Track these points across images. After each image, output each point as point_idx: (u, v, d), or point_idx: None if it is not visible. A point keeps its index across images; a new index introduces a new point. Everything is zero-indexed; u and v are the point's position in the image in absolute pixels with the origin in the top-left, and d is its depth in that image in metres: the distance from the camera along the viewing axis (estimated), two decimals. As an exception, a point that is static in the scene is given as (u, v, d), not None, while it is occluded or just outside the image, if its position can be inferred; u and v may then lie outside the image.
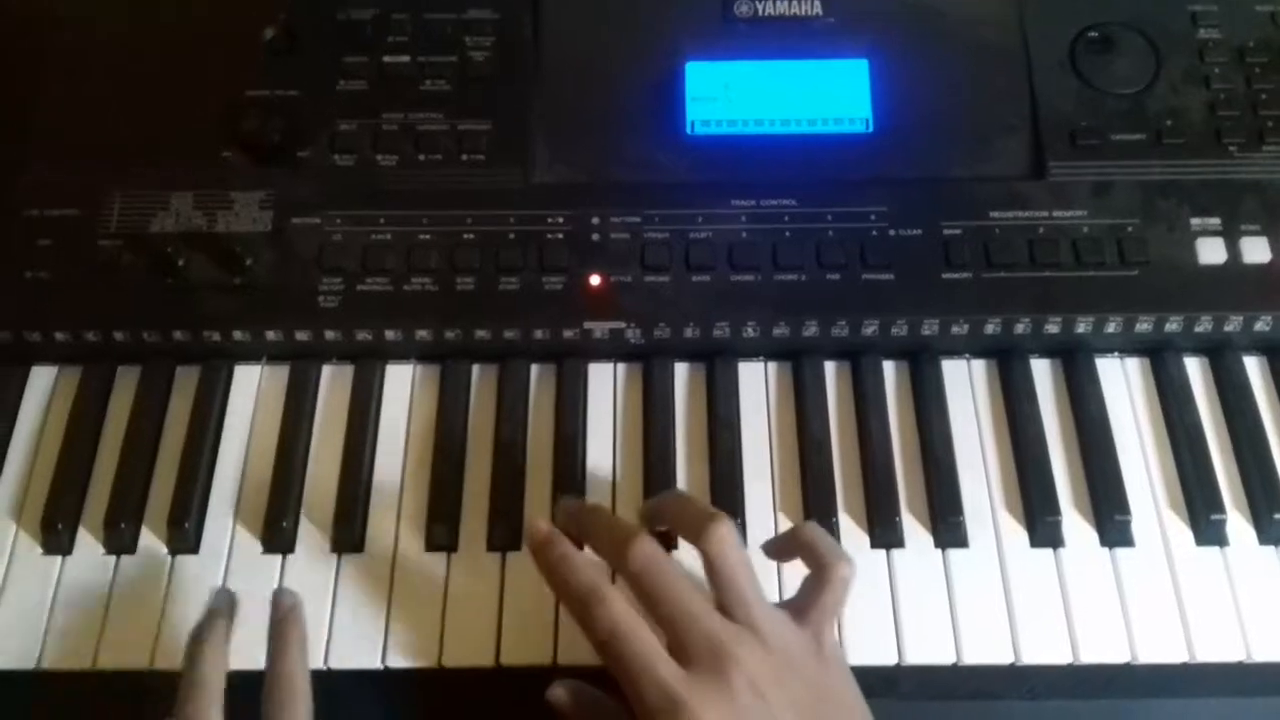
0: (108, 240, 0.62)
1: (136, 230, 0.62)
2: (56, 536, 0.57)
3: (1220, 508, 0.58)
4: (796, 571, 0.53)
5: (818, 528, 0.53)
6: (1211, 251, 0.62)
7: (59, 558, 0.57)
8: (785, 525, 0.58)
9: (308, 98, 0.65)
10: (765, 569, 0.56)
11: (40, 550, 0.58)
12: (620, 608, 0.48)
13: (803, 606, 0.50)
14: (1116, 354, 0.63)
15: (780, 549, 0.55)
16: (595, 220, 0.62)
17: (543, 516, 0.55)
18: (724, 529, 0.49)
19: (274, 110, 0.64)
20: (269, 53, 0.66)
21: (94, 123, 0.64)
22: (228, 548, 0.58)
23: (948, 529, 0.58)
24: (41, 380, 0.63)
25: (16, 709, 0.55)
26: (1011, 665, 0.55)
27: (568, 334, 0.61)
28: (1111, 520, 0.58)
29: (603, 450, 0.61)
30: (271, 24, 0.66)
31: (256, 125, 0.63)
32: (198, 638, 0.51)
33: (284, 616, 0.52)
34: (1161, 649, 0.55)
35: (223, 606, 0.53)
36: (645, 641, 0.47)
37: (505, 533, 0.58)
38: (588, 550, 0.53)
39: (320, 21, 0.67)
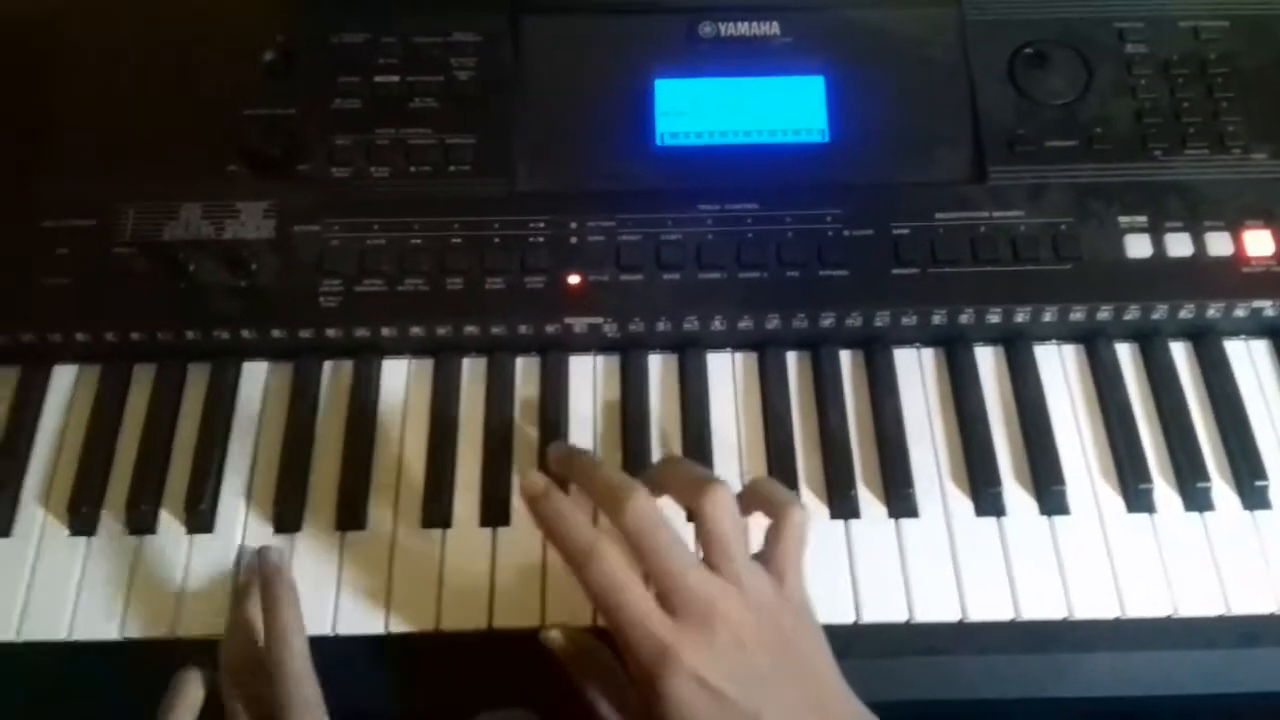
0: (123, 248, 0.64)
1: (149, 238, 0.65)
2: (81, 518, 0.61)
3: (1148, 478, 0.62)
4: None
5: (769, 480, 0.57)
6: (1138, 247, 0.65)
7: (84, 538, 0.61)
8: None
9: (306, 115, 0.68)
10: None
11: (67, 531, 0.61)
12: (616, 563, 0.50)
13: (767, 555, 0.53)
14: (1053, 341, 0.67)
15: (741, 505, 0.58)
16: (573, 225, 0.65)
17: (535, 473, 0.55)
18: (721, 494, 0.52)
19: (275, 127, 0.67)
20: (269, 74, 0.69)
21: (108, 140, 0.67)
22: (241, 527, 0.61)
23: (900, 500, 0.62)
24: (64, 378, 0.66)
25: (49, 677, 0.58)
26: (959, 622, 0.59)
27: (550, 329, 0.65)
28: (1049, 490, 0.62)
29: (583, 435, 0.64)
30: (271, 47, 0.69)
31: (259, 141, 0.66)
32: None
33: (270, 575, 0.56)
34: (1095, 605, 0.59)
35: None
36: (638, 594, 0.50)
37: (495, 510, 0.61)
38: (574, 491, 0.57)
39: (316, 45, 0.70)
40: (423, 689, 0.60)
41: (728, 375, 0.66)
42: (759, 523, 0.55)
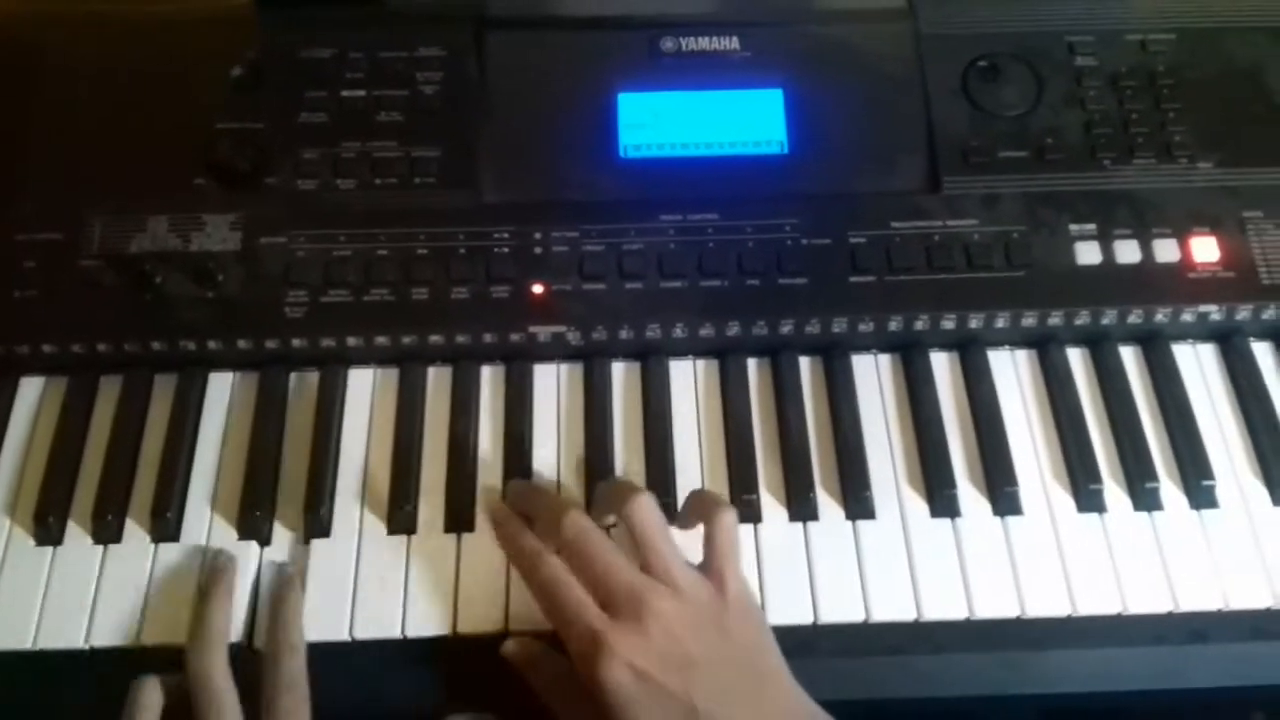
0: (90, 260, 0.65)
1: (116, 251, 0.65)
2: (47, 529, 0.61)
3: (1098, 478, 0.63)
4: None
5: (701, 490, 0.60)
6: (1088, 254, 0.67)
7: (50, 548, 0.61)
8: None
9: (273, 129, 0.69)
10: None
11: (33, 542, 0.61)
12: (555, 565, 0.55)
13: (705, 560, 0.56)
14: (1006, 346, 0.68)
15: (683, 520, 0.60)
16: (538, 235, 0.66)
17: (499, 502, 0.62)
18: (642, 499, 0.56)
19: (243, 141, 0.68)
20: (237, 89, 0.70)
21: (76, 153, 0.68)
22: (206, 535, 0.62)
23: (857, 502, 0.63)
24: (30, 390, 0.66)
25: (14, 686, 0.58)
26: (915, 622, 0.60)
27: (514, 338, 0.66)
28: (1002, 491, 0.63)
29: (548, 442, 0.65)
30: (239, 63, 0.70)
31: (227, 154, 0.67)
32: (205, 595, 0.57)
33: (284, 582, 0.59)
34: (1047, 603, 0.60)
35: (226, 567, 0.59)
36: (574, 592, 0.54)
37: (460, 517, 0.62)
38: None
39: (284, 60, 0.71)
40: (391, 693, 0.60)
41: (689, 382, 0.68)
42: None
